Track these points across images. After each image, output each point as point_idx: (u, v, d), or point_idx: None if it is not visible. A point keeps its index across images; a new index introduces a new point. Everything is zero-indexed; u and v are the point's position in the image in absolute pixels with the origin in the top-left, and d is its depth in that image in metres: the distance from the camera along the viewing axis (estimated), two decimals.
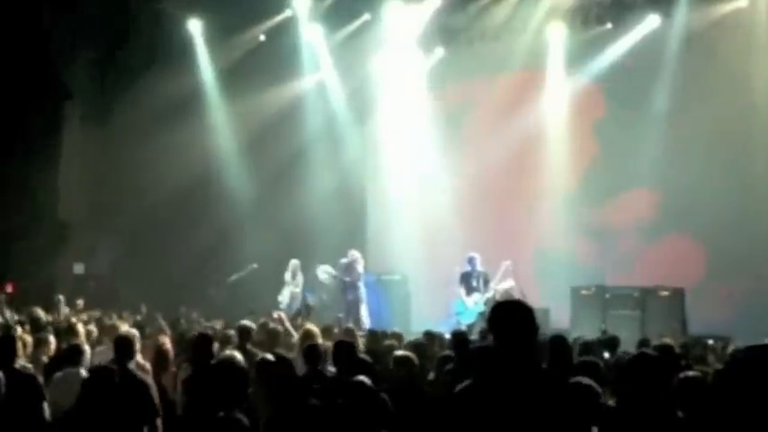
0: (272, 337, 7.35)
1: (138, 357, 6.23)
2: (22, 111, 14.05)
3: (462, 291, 11.90)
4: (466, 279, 11.92)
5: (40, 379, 5.32)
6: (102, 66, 15.69)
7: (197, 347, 5.86)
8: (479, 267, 11.91)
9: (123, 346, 5.37)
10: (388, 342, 7.17)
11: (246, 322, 7.42)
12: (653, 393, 3.44)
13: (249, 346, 6.70)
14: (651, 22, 12.73)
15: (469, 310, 11.72)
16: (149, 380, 5.31)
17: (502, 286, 11.70)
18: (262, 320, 8.43)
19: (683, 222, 12.10)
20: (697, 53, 12.20)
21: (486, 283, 11.80)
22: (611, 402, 3.75)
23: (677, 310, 11.25)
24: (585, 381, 3.87)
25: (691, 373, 4.27)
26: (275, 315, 9.31)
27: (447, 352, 6.47)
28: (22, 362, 5.42)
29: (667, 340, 6.17)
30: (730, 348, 7.43)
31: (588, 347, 6.41)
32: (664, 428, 3.36)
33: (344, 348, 5.65)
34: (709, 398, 3.73)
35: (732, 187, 11.84)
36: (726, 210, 11.71)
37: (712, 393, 3.83)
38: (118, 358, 5.30)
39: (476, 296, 11.77)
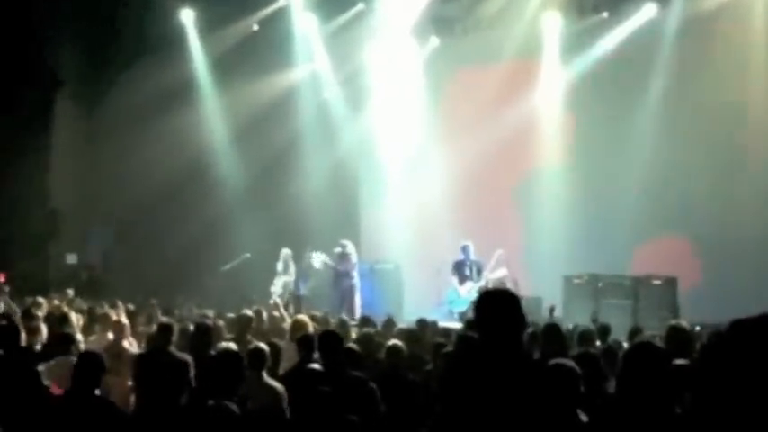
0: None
1: (126, 344, 6.71)
2: (12, 99, 13.96)
3: (455, 279, 11.90)
4: (459, 268, 11.92)
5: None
6: (93, 54, 15.59)
7: (194, 337, 6.06)
8: (473, 256, 11.92)
9: (165, 332, 6.23)
10: (366, 329, 7.18)
11: (248, 312, 7.49)
12: (653, 384, 3.38)
13: (249, 336, 6.73)
14: (648, 10, 12.70)
15: (462, 299, 11.71)
16: (188, 358, 5.53)
17: (495, 275, 11.70)
18: (255, 308, 8.48)
19: (677, 212, 12.10)
20: (694, 42, 12.18)
21: (480, 271, 11.80)
22: (610, 390, 3.73)
23: (670, 299, 11.23)
24: (568, 363, 3.84)
25: (678, 362, 4.25)
26: (272, 303, 9.36)
27: (440, 339, 6.48)
28: None
29: (682, 323, 5.89)
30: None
31: (586, 337, 6.38)
32: (661, 420, 3.33)
33: (331, 338, 5.66)
34: (692, 384, 3.70)
35: (727, 177, 11.85)
36: (720, 199, 11.74)
37: (695, 377, 3.79)
38: (162, 342, 5.99)
39: (469, 285, 11.75)
